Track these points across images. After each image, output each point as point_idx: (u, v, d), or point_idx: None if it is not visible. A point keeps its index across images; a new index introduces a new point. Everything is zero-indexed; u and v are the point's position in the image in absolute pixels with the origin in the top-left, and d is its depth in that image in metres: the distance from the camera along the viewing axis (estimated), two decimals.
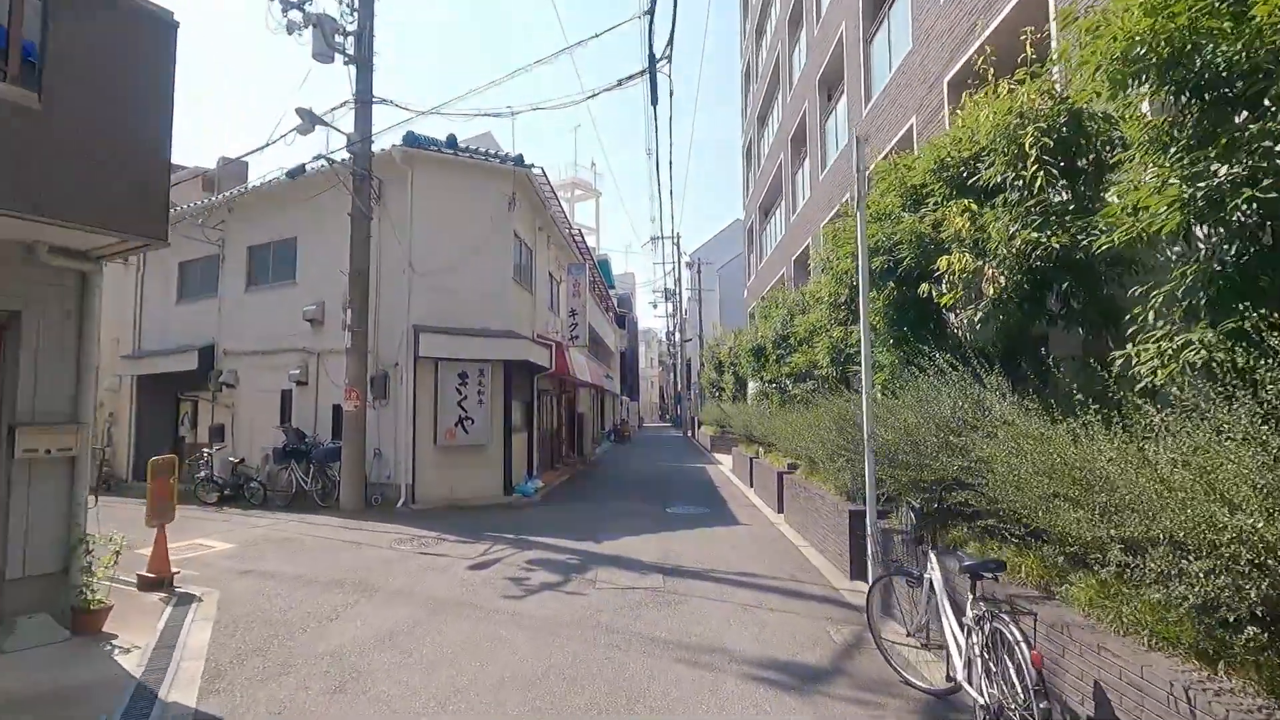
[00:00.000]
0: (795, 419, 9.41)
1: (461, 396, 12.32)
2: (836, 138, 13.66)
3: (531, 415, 15.12)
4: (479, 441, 12.45)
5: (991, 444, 3.91)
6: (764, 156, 22.77)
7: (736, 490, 14.26)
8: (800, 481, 9.11)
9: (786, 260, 17.70)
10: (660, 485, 15.28)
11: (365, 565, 7.50)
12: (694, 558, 7.76)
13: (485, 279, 12.87)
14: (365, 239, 11.61)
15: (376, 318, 12.42)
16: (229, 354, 14.63)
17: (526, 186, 13.81)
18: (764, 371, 13.64)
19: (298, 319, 13.21)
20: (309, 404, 13.23)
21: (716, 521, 10.29)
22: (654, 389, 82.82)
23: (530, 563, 7.56)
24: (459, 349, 12.21)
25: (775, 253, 20.02)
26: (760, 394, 14.97)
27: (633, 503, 12.51)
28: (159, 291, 16.39)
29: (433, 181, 12.50)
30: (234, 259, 14.85)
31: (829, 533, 7.38)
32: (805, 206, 16.09)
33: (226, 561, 7.87)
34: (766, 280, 20.93)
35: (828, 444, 7.15)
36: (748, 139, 25.69)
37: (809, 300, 10.01)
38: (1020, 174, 4.04)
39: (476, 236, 12.77)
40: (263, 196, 14.24)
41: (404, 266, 12.10)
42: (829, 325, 8.39)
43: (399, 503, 11.59)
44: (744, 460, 15.44)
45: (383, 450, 12.16)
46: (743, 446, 16.40)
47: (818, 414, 7.82)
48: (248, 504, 12.26)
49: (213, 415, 14.90)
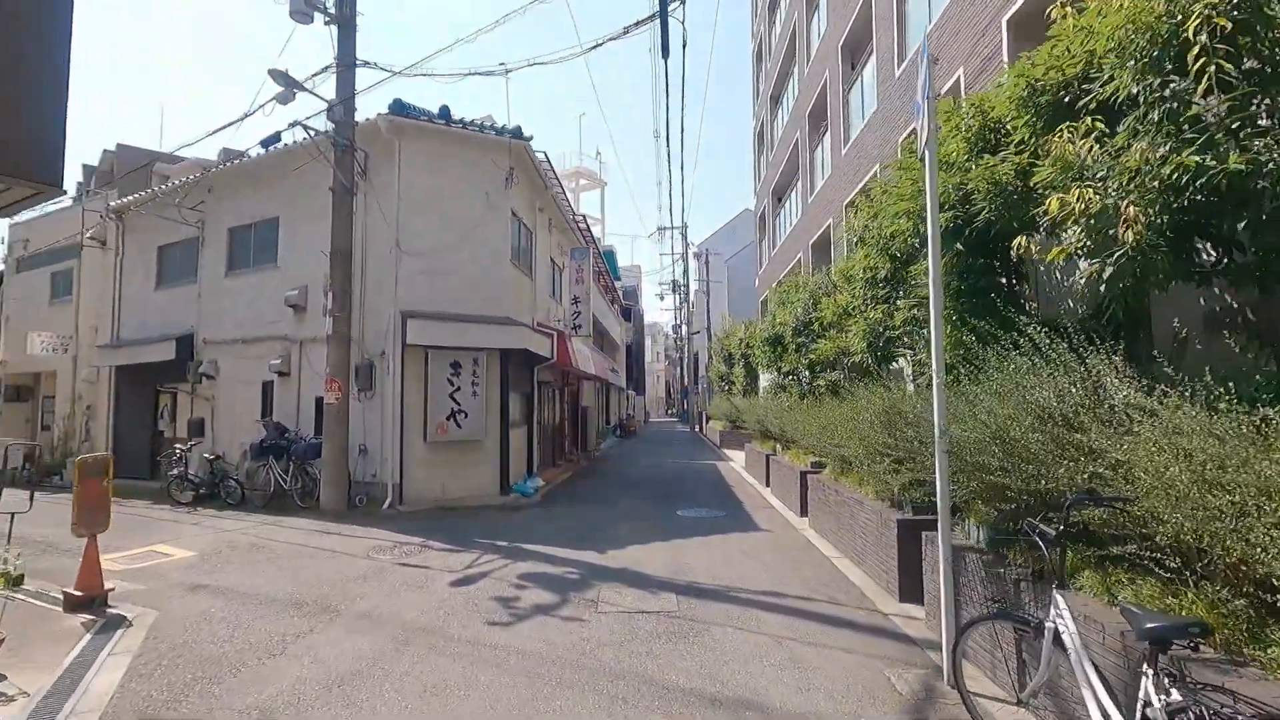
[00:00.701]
0: (824, 413, 8.37)
1: (454, 388, 11.33)
2: (863, 107, 12.56)
3: (531, 409, 14.13)
4: (473, 437, 11.46)
5: (1130, 443, 2.88)
6: (777, 138, 21.65)
7: (752, 490, 13.24)
8: (828, 483, 8.08)
9: (803, 245, 16.62)
10: (669, 484, 14.27)
11: (335, 579, 6.53)
12: (711, 572, 6.75)
13: (480, 261, 11.86)
14: (348, 216, 10.62)
15: (362, 302, 11.44)
16: (208, 343, 13.69)
17: (525, 161, 12.78)
18: (781, 362, 12.60)
19: (280, 305, 12.24)
20: (291, 396, 12.27)
21: (734, 526, 9.27)
22: (660, 383, 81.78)
23: (523, 577, 6.57)
24: (451, 336, 11.21)
25: (790, 238, 18.96)
26: (776, 387, 13.94)
27: (640, 504, 11.51)
28: (138, 277, 15.45)
29: (422, 154, 11.49)
30: (214, 241, 13.89)
31: (870, 545, 6.35)
32: (825, 185, 15.00)
33: (180, 573, 6.91)
34: (781, 268, 19.86)
35: (869, 442, 6.11)
36: (759, 122, 24.55)
37: (837, 281, 8.96)
38: (1166, 80, 2.99)
39: (470, 215, 11.76)
40: (243, 174, 13.27)
41: (391, 247, 11.10)
42: (864, 306, 7.35)
43: (385, 503, 10.62)
44: (758, 457, 14.41)
45: (368, 446, 11.19)
46: (757, 443, 15.36)
47: (854, 407, 6.78)
48: (223, 504, 11.34)
49: (192, 408, 13.96)
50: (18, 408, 18.81)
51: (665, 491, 12.98)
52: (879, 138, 11.43)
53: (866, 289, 7.17)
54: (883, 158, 10.97)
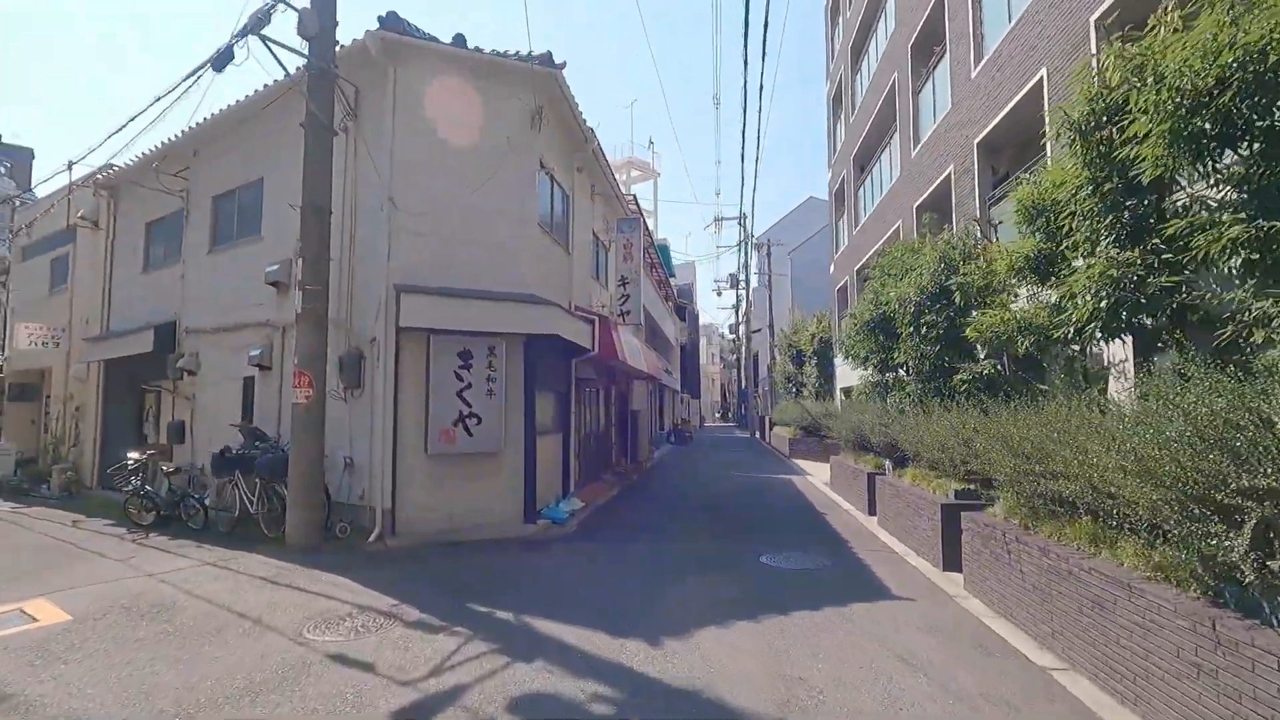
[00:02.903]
0: (1000, 424, 5.34)
1: (463, 384, 8.74)
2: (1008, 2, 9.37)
3: (567, 412, 11.44)
4: (488, 448, 8.85)
5: None
6: (858, 100, 18.48)
7: (850, 519, 10.20)
8: (1021, 536, 5.04)
9: (905, 209, 13.45)
10: (741, 507, 11.35)
11: (220, 690, 3.95)
12: (851, 705, 3.85)
13: (498, 223, 9.25)
14: (325, 161, 8.13)
15: (351, 275, 9.00)
16: (190, 332, 11.54)
17: (557, 99, 10.14)
18: (894, 352, 9.53)
19: (262, 284, 9.94)
20: (273, 395, 9.94)
21: (851, 588, 6.32)
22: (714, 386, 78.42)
23: (518, 706, 3.82)
24: (459, 317, 8.62)
25: (882, 206, 15.73)
26: (875, 386, 10.86)
27: (707, 539, 8.65)
28: (128, 259, 13.54)
29: (424, 85, 8.96)
30: (198, 213, 11.75)
31: (1163, 671, 3.35)
32: (942, 126, 11.78)
33: (7, 663, 4.47)
34: (868, 243, 16.67)
35: (1183, 481, 3.12)
36: (836, 82, 21.36)
37: (1025, 216, 5.79)
38: None
39: (486, 163, 9.16)
40: (224, 128, 11.05)
41: (383, 202, 8.61)
42: (1103, 233, 4.32)
43: (373, 534, 8.11)
44: (853, 474, 11.35)
45: (355, 459, 8.71)
46: (848, 455, 12.28)
47: (1146, 418, 3.76)
48: (183, 528, 9.09)
49: (174, 409, 11.86)
50: (23, 407, 17.32)
51: (738, 519, 10.07)
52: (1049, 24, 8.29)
53: (1096, 218, 4.14)
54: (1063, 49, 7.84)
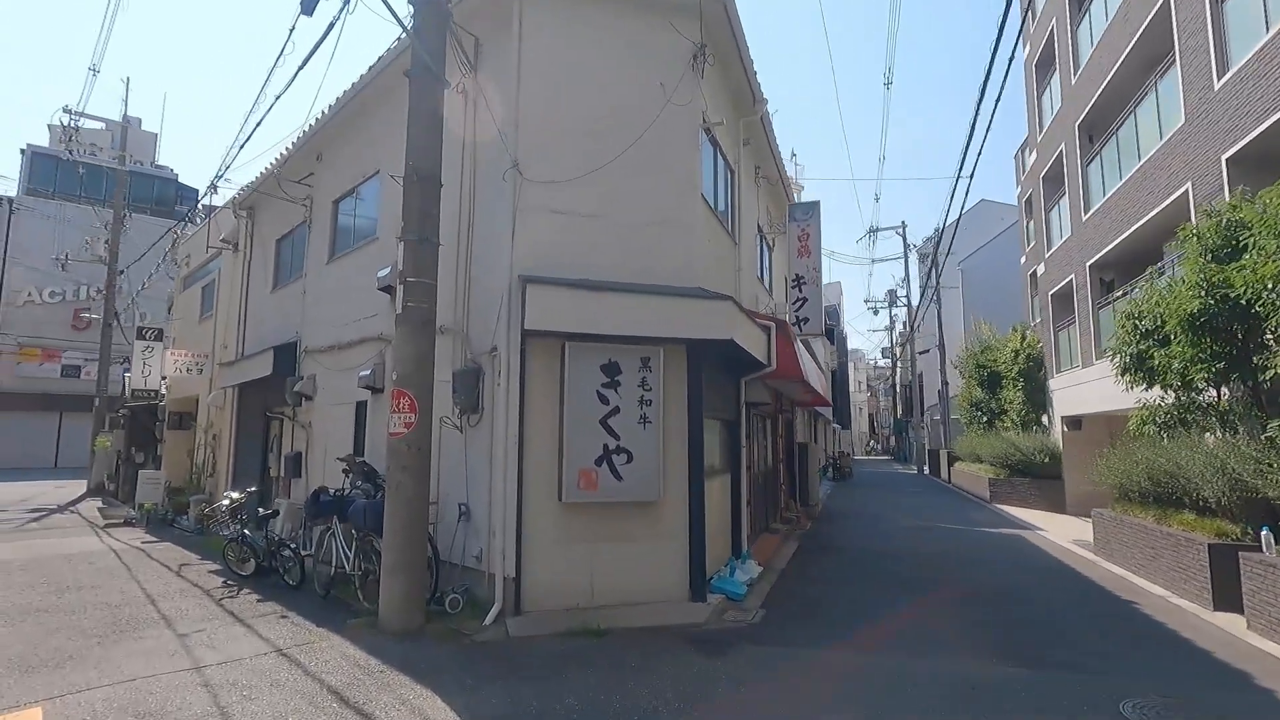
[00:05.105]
0: None
1: (609, 408, 6.44)
2: None
3: (737, 445, 8.81)
4: (643, 495, 6.46)
5: None
6: (1082, 53, 14.69)
7: (1184, 616, 6.69)
8: None
9: (1201, 165, 9.64)
10: (986, 586, 8.12)
11: None
12: None
13: (650, 195, 7.00)
14: (434, 116, 6.27)
15: (467, 269, 7.11)
16: (308, 353, 10.35)
17: (724, 37, 7.83)
18: (1258, 357, 6.07)
19: (374, 291, 8.36)
20: (384, 423, 8.23)
21: None
22: (862, 415, 72.13)
23: None
24: (603, 317, 6.36)
25: (1156, 162, 11.45)
26: (1186, 410, 7.30)
27: (972, 652, 5.65)
28: (260, 279, 12.90)
29: (557, 24, 6.99)
30: (320, 220, 10.66)
31: None
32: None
33: None
34: (1112, 227, 12.75)
35: None
36: (1040, 43, 17.54)
37: None
38: None
39: (635, 119, 6.96)
40: (344, 121, 9.84)
41: (506, 170, 6.63)
42: None
43: (490, 613, 5.93)
44: (1149, 539, 7.74)
45: (472, 506, 6.67)
46: (1136, 511, 8.61)
47: None
48: (280, 582, 7.52)
49: (292, 439, 10.70)
50: (181, 436, 17.53)
51: (997, 607, 6.89)
52: None
53: None
54: None
